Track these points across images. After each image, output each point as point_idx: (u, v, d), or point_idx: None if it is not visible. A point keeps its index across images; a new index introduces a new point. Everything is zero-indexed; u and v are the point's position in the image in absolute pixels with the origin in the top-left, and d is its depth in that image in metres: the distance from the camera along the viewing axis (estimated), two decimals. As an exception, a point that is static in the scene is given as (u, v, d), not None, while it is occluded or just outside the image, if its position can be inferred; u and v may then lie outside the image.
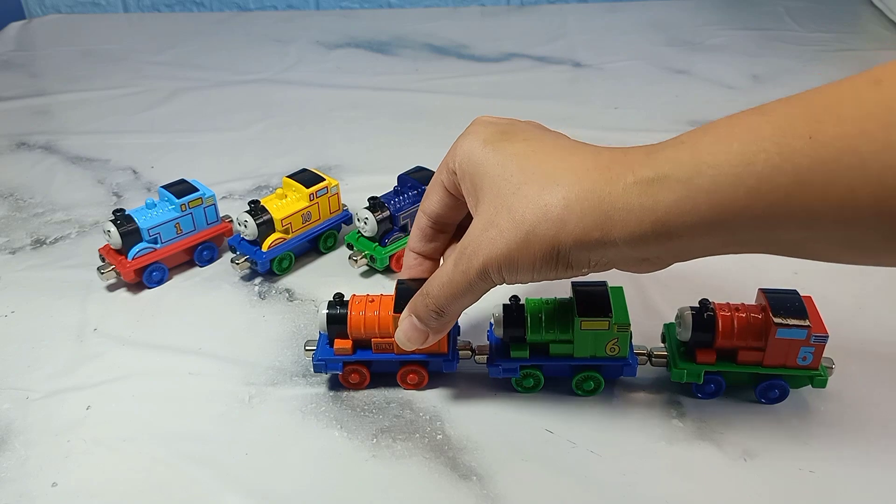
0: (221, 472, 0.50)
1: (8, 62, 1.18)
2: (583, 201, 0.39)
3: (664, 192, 0.37)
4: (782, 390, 0.53)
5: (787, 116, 0.35)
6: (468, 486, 0.49)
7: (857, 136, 0.33)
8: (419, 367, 0.55)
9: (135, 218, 0.67)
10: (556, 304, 0.54)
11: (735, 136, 0.36)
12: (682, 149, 0.38)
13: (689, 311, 0.53)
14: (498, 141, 0.45)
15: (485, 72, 1.10)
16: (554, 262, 0.42)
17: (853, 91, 0.34)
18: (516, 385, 0.56)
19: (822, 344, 0.51)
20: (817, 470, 0.49)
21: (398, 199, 0.68)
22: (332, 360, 0.55)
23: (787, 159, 0.34)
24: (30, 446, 0.53)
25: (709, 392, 0.54)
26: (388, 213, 0.67)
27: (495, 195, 0.43)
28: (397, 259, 0.67)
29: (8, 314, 0.65)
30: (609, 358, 0.53)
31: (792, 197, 0.35)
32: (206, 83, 1.09)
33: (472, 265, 0.44)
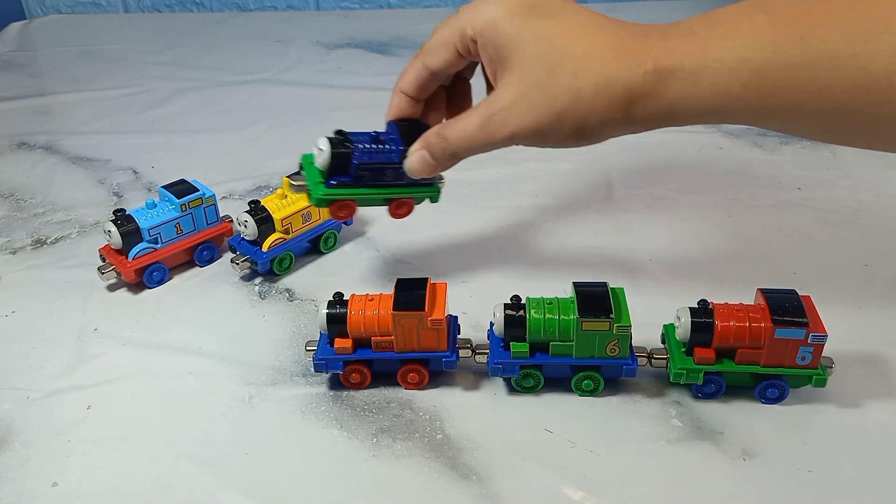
0: (221, 472, 0.50)
1: (8, 62, 1.18)
2: (610, 88, 0.44)
3: (676, 82, 0.43)
4: (782, 390, 0.53)
5: (786, 16, 0.41)
6: (468, 486, 0.49)
7: (840, 40, 0.38)
8: (419, 365, 0.55)
9: (135, 218, 0.67)
10: (557, 303, 0.54)
11: (740, 32, 0.41)
12: (694, 41, 0.43)
13: (688, 312, 0.53)
14: (525, 14, 0.48)
15: (485, 72, 1.10)
16: (577, 136, 0.47)
17: (845, 2, 0.39)
18: (516, 385, 0.56)
19: (820, 343, 0.51)
20: (817, 470, 0.49)
21: (370, 146, 0.56)
22: (333, 359, 0.55)
23: (780, 57, 0.40)
24: (30, 446, 0.53)
25: (709, 392, 0.54)
26: (348, 150, 0.56)
27: (527, 71, 0.47)
28: (339, 208, 0.58)
29: (8, 314, 0.65)
30: (609, 358, 0.53)
31: (778, 91, 0.40)
32: (206, 83, 1.09)
33: (501, 131, 0.48)
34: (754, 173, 0.83)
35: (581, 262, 0.70)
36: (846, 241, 0.72)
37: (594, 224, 0.76)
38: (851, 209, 0.76)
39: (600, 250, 0.71)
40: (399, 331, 0.54)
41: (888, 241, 0.71)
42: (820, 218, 0.75)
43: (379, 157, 0.56)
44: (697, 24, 0.44)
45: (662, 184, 0.82)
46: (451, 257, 0.71)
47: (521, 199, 0.80)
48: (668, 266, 0.69)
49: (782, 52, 0.40)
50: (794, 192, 0.80)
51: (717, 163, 0.86)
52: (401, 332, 0.54)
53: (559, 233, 0.75)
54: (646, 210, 0.77)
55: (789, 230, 0.73)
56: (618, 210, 0.77)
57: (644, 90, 0.44)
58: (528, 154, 0.88)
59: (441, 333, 0.54)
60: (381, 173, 0.56)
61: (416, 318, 0.53)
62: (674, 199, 0.79)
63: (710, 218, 0.76)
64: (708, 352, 0.53)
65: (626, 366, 0.54)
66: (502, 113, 0.48)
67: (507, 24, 0.47)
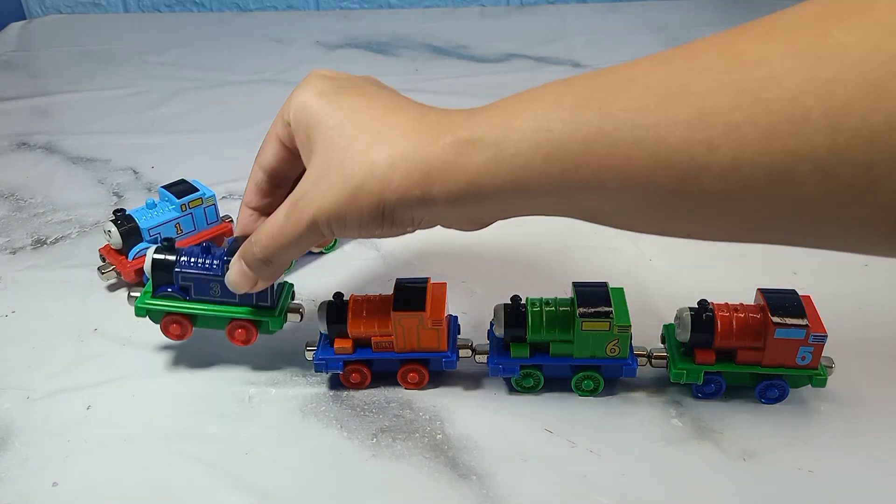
0: (221, 472, 0.50)
1: (8, 62, 1.18)
2: (406, 160, 0.41)
3: (476, 154, 0.40)
4: (782, 390, 0.53)
5: (586, 87, 0.38)
6: (468, 486, 0.49)
7: (638, 110, 0.36)
8: (420, 365, 0.55)
9: (135, 218, 0.67)
10: (556, 303, 0.54)
11: (541, 103, 0.39)
12: (496, 112, 0.41)
13: (688, 312, 0.53)
14: (333, 94, 0.46)
15: (485, 72, 1.10)
16: (380, 219, 0.43)
17: (645, 68, 0.37)
18: (516, 385, 0.56)
19: (821, 343, 0.51)
20: (817, 470, 0.49)
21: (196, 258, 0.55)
22: (333, 359, 0.55)
23: (579, 128, 0.37)
24: (30, 446, 0.53)
25: (709, 392, 0.54)
26: (170, 259, 0.55)
27: (327, 148, 0.44)
28: (169, 323, 0.56)
29: (8, 314, 0.65)
30: (609, 358, 0.53)
31: (581, 165, 0.37)
32: (206, 83, 1.09)
33: (303, 217, 0.45)
34: (754, 173, 0.83)
35: (581, 261, 0.70)
36: (846, 241, 0.72)
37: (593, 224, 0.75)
38: (851, 209, 0.76)
39: (600, 250, 0.71)
40: (399, 331, 0.54)
41: (888, 241, 0.71)
42: (820, 218, 0.75)
43: (201, 267, 0.54)
44: (504, 100, 0.41)
45: (662, 184, 0.82)
46: (451, 257, 0.71)
47: (522, 199, 0.80)
48: (668, 266, 0.69)
49: (581, 124, 0.37)
50: (795, 192, 0.79)
51: (717, 163, 0.85)
52: (401, 332, 0.54)
53: (559, 232, 0.74)
54: (646, 210, 0.77)
55: (789, 230, 0.73)
56: (618, 210, 0.77)
57: (443, 164, 0.40)
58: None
59: (441, 333, 0.54)
60: (207, 287, 0.54)
61: (416, 318, 0.53)
62: (674, 199, 0.79)
63: (710, 218, 0.76)
64: (708, 352, 0.53)
65: (626, 366, 0.54)
66: (305, 197, 0.44)
67: (314, 104, 0.46)
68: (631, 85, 0.37)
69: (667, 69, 0.36)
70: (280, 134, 0.51)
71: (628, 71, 0.38)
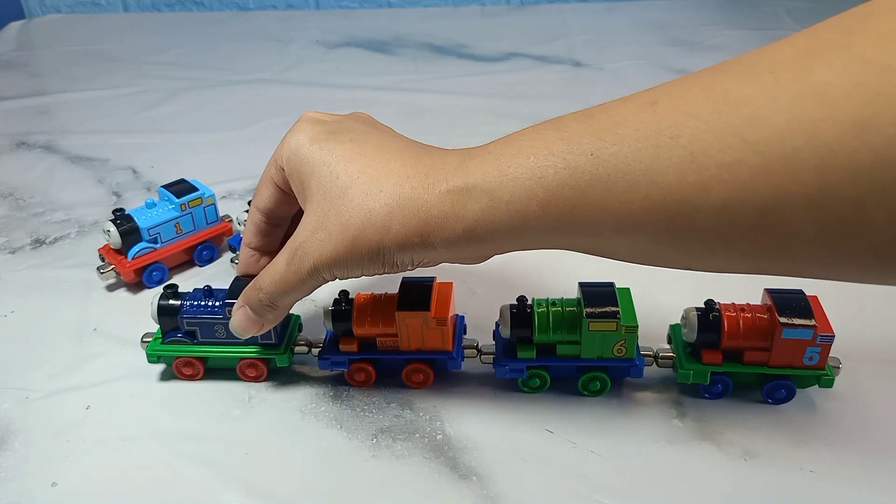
0: (221, 472, 0.50)
1: (8, 62, 1.18)
2: (403, 208, 0.42)
3: (472, 202, 0.41)
4: (789, 390, 0.53)
5: (576, 133, 0.39)
6: (468, 486, 0.49)
7: (630, 154, 0.36)
8: (424, 365, 0.55)
9: (135, 218, 0.67)
10: (563, 304, 0.54)
11: (533, 150, 0.40)
12: (489, 159, 0.41)
13: (695, 312, 0.53)
14: (325, 140, 0.47)
15: (485, 72, 1.10)
16: (381, 263, 0.44)
17: (633, 111, 0.38)
18: (522, 385, 0.55)
19: (828, 344, 0.51)
20: (818, 470, 0.49)
21: (199, 301, 0.56)
22: (338, 357, 0.55)
23: (573, 174, 0.38)
24: (30, 446, 0.52)
25: (716, 392, 0.54)
26: (175, 304, 0.56)
27: (323, 196, 0.45)
28: (182, 365, 0.57)
29: (8, 314, 0.65)
30: (616, 359, 0.53)
31: (577, 209, 0.38)
32: (206, 83, 1.09)
33: (304, 265, 0.46)
34: (755, 173, 0.83)
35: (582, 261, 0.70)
36: (847, 240, 0.71)
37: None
38: (852, 209, 0.76)
39: (600, 250, 0.71)
40: (404, 330, 0.54)
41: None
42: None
43: (204, 311, 0.55)
44: (495, 144, 0.42)
45: (663, 183, 0.81)
46: (452, 257, 0.71)
47: (522, 199, 0.80)
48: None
49: (574, 170, 0.38)
50: (795, 192, 0.79)
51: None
52: (405, 331, 0.54)
53: (559, 232, 0.74)
54: (646, 210, 0.77)
55: (790, 230, 0.73)
56: (618, 210, 0.77)
57: (440, 212, 0.41)
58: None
59: (446, 333, 0.54)
60: (213, 329, 0.55)
61: (421, 317, 0.53)
62: (674, 199, 0.79)
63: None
64: (715, 352, 0.52)
65: (633, 366, 0.54)
66: (304, 245, 0.45)
67: (306, 150, 0.46)
68: (620, 128, 0.37)
69: (655, 111, 0.37)
70: (275, 177, 0.51)
71: (617, 112, 0.38)
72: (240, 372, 0.57)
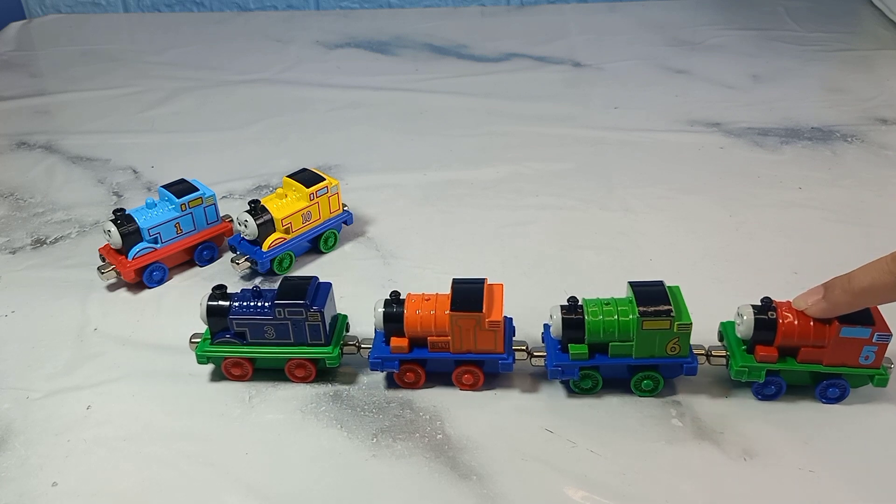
0: (221, 472, 0.50)
1: (8, 62, 1.18)
2: None
3: None
4: (843, 389, 0.53)
5: None
6: (468, 486, 0.49)
7: None
8: (475, 367, 0.55)
9: (135, 218, 0.67)
10: (615, 303, 0.53)
11: None
12: None
13: (751, 309, 0.52)
14: None
15: (485, 72, 1.10)
16: None
17: None
18: (574, 387, 0.55)
19: (884, 343, 0.51)
20: (817, 470, 0.49)
21: (247, 302, 0.55)
22: (389, 358, 0.55)
23: None
24: (30, 446, 0.52)
25: (768, 394, 0.54)
26: (224, 304, 0.56)
27: None
28: (231, 365, 0.57)
29: (8, 314, 0.65)
30: (669, 357, 0.53)
31: None
32: (206, 83, 1.09)
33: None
34: (755, 173, 0.83)
35: (582, 261, 0.70)
36: (848, 240, 0.72)
37: (594, 224, 0.75)
38: (853, 209, 0.76)
39: (601, 250, 0.71)
40: (456, 331, 0.53)
41: (890, 240, 0.71)
42: (821, 217, 0.75)
43: (253, 312, 0.55)
44: None
45: (662, 184, 0.82)
46: (451, 257, 0.71)
47: (521, 199, 0.80)
48: (669, 266, 0.69)
49: None
50: (796, 192, 0.79)
51: (717, 162, 0.86)
52: (457, 332, 0.53)
53: (559, 233, 0.74)
54: (646, 210, 0.77)
55: (790, 230, 0.73)
56: (618, 210, 0.77)
57: None
58: (527, 153, 0.89)
59: (498, 335, 0.53)
60: (262, 330, 0.55)
61: (474, 318, 0.53)
62: (674, 199, 0.79)
63: (710, 218, 0.76)
64: (770, 350, 0.52)
65: (687, 364, 0.53)
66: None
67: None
68: None
69: None
70: None
71: None
72: (288, 372, 0.57)
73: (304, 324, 0.54)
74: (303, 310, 0.54)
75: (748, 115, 0.94)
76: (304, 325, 0.54)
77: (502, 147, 0.89)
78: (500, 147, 0.89)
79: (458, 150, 0.90)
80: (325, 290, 0.55)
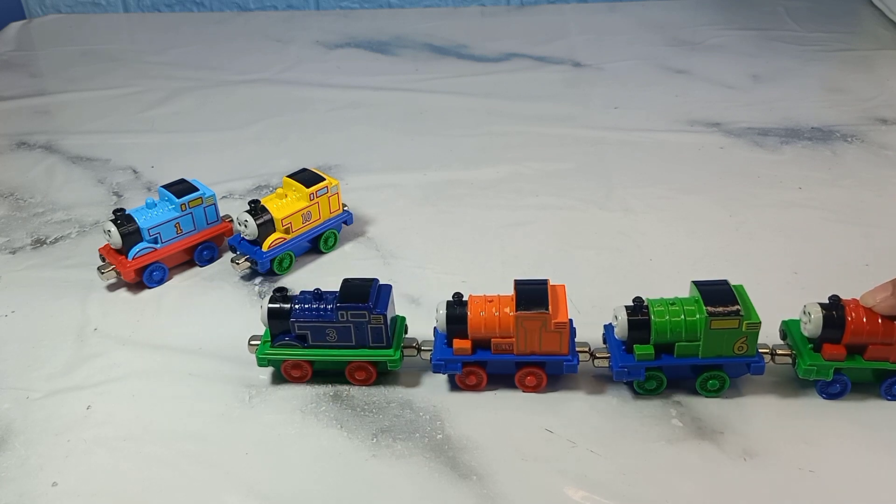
0: (221, 472, 0.50)
1: (8, 62, 1.18)
2: None
3: None
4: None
5: None
6: (468, 486, 0.49)
7: None
8: (538, 368, 0.54)
9: (135, 218, 0.67)
10: (681, 303, 0.53)
11: None
12: None
13: (819, 308, 0.52)
14: None
15: (485, 72, 1.10)
16: None
17: None
18: (638, 388, 0.55)
19: None
20: (817, 470, 0.49)
21: (308, 304, 0.56)
22: (452, 360, 0.54)
23: None
24: (30, 446, 0.52)
25: (833, 393, 0.54)
26: (285, 307, 0.56)
27: None
28: (291, 367, 0.57)
29: (8, 314, 0.65)
30: (736, 357, 0.53)
31: None
32: (206, 83, 1.09)
33: None
34: (755, 173, 0.83)
35: (582, 261, 0.70)
36: (847, 241, 0.72)
37: (594, 224, 0.75)
38: (853, 209, 0.76)
39: (600, 250, 0.71)
40: (521, 332, 0.53)
41: (889, 240, 0.71)
42: (821, 217, 0.75)
43: (315, 315, 0.55)
44: None
45: (662, 184, 0.82)
46: (452, 257, 0.71)
47: (521, 199, 0.80)
48: (669, 266, 0.69)
49: None
50: (795, 192, 0.79)
51: (717, 163, 0.86)
52: (522, 333, 0.53)
53: (559, 233, 0.74)
54: (646, 210, 0.77)
55: (790, 230, 0.73)
56: (618, 210, 0.77)
57: None
58: (527, 153, 0.89)
59: (564, 336, 0.53)
60: (324, 333, 0.55)
61: (540, 320, 0.52)
62: (674, 199, 0.79)
63: (710, 218, 0.76)
64: (838, 348, 0.52)
65: (754, 363, 0.53)
66: None
67: None
68: None
69: None
70: None
71: None
72: (348, 375, 0.56)
73: (367, 326, 0.54)
74: (366, 312, 0.53)
75: (748, 115, 0.94)
76: (367, 327, 0.54)
77: (502, 147, 0.89)
78: (500, 147, 0.90)
79: (458, 150, 0.90)
80: (386, 293, 0.55)
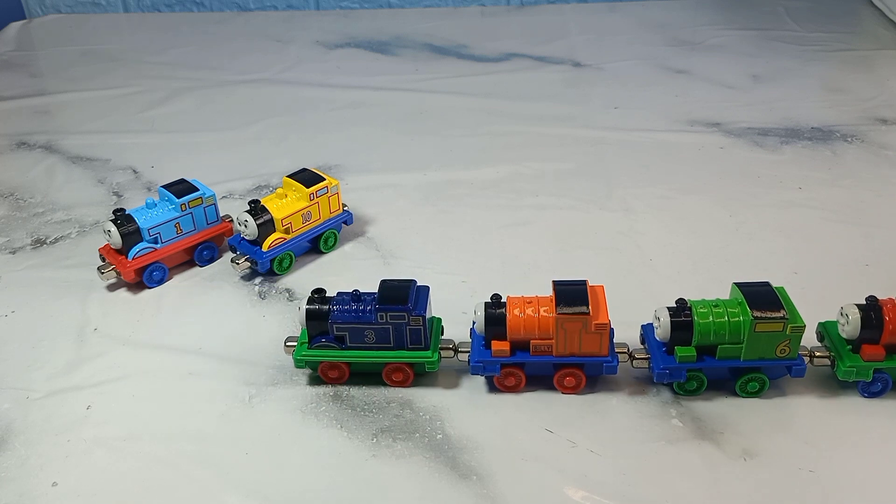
0: (221, 472, 0.50)
1: (8, 62, 1.18)
2: None
3: None
4: None
5: None
6: (468, 486, 0.49)
7: None
8: (577, 369, 0.54)
9: (135, 218, 0.67)
10: (725, 305, 0.53)
11: None
12: None
13: (857, 309, 0.52)
14: None
15: (485, 72, 1.10)
16: None
17: None
18: (678, 388, 0.55)
19: None
20: (817, 470, 0.49)
21: (347, 305, 0.56)
22: (490, 361, 0.54)
23: None
24: (30, 446, 0.52)
25: (875, 391, 0.54)
26: (323, 308, 0.56)
27: None
28: (328, 368, 0.57)
29: (8, 314, 0.65)
30: (778, 359, 0.53)
31: None
32: (206, 83, 1.09)
33: None
34: (755, 173, 0.83)
35: (582, 262, 0.70)
36: (847, 240, 0.72)
37: (594, 224, 0.75)
38: (852, 209, 0.76)
39: (600, 250, 0.71)
40: (561, 334, 0.53)
41: (889, 240, 0.71)
42: (821, 217, 0.75)
43: (354, 317, 0.54)
44: None
45: (662, 184, 0.82)
46: (451, 257, 0.71)
47: (521, 199, 0.80)
48: (668, 266, 0.69)
49: None
50: (795, 192, 0.79)
51: (717, 162, 0.86)
52: (562, 335, 0.53)
53: (559, 233, 0.74)
54: (646, 210, 0.77)
55: (790, 230, 0.73)
56: (618, 210, 0.77)
57: None
58: (527, 153, 0.89)
59: (604, 337, 0.53)
60: (362, 334, 0.55)
61: (580, 321, 0.52)
62: (674, 199, 0.79)
63: (710, 218, 0.76)
64: (877, 348, 0.52)
65: (795, 366, 0.53)
66: None
67: None
68: None
69: None
70: None
71: None
72: (385, 377, 0.56)
73: (406, 328, 0.54)
74: (405, 314, 0.53)
75: (748, 115, 0.94)
76: (406, 329, 0.54)
77: (502, 147, 0.89)
78: (500, 147, 0.89)
79: (458, 150, 0.90)
80: (424, 294, 0.55)
